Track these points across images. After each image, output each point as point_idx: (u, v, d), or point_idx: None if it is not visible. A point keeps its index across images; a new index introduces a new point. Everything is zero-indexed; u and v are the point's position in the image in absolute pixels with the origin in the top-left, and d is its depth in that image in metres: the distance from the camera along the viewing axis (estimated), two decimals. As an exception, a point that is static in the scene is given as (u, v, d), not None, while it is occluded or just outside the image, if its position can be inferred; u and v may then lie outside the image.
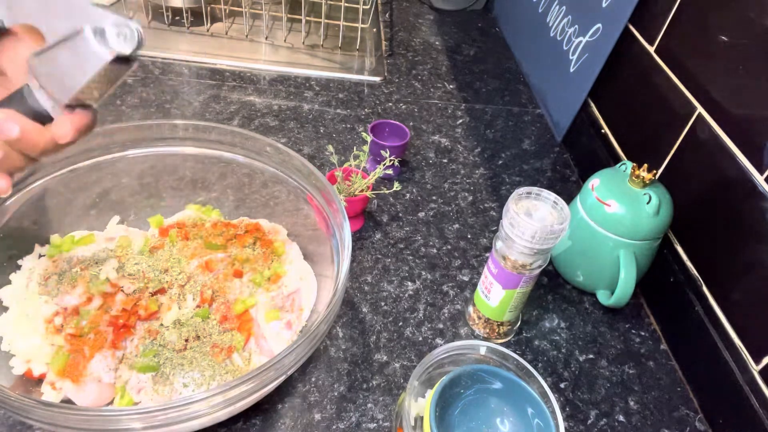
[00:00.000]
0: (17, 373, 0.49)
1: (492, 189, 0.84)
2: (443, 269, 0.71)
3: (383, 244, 0.73)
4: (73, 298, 0.52)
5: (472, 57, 1.15)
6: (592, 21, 0.88)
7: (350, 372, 0.58)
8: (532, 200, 0.56)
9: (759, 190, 0.57)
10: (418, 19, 1.26)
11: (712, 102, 0.64)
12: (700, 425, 0.59)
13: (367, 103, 0.97)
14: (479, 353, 0.52)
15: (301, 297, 0.58)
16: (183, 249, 0.59)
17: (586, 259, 0.68)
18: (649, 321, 0.69)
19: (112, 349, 0.50)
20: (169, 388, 0.50)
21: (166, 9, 1.05)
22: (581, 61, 0.90)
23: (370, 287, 0.67)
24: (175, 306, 0.54)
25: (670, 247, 0.68)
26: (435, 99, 1.01)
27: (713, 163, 0.63)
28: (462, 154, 0.90)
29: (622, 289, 0.64)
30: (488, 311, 0.62)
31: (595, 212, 0.65)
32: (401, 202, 0.79)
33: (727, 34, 0.63)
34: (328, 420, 0.54)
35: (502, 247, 0.57)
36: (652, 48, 0.76)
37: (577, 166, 0.91)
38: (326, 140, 0.87)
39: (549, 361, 0.63)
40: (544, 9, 1.07)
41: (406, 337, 0.63)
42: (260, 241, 0.62)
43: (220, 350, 0.52)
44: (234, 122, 0.88)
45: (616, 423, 0.58)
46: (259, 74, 0.99)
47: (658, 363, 0.65)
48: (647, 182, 0.63)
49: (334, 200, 0.56)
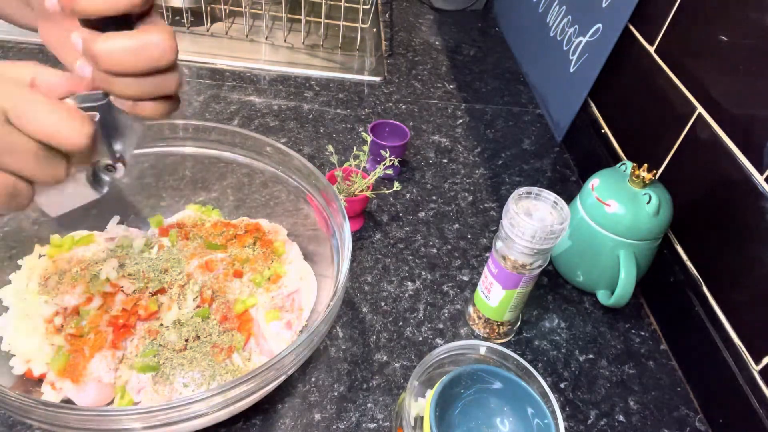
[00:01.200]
0: (17, 373, 0.49)
1: (492, 189, 0.84)
2: (443, 269, 0.71)
3: (383, 244, 0.73)
4: (73, 298, 0.52)
5: (472, 57, 1.15)
6: (592, 21, 0.88)
7: (350, 372, 0.58)
8: (532, 200, 0.56)
9: (759, 190, 0.57)
10: (418, 19, 1.26)
11: (712, 102, 0.64)
12: (700, 425, 0.59)
13: (367, 103, 0.97)
14: (479, 353, 0.52)
15: (301, 297, 0.58)
16: (183, 249, 0.59)
17: (586, 259, 0.68)
18: (649, 321, 0.69)
19: (112, 349, 0.50)
20: (169, 388, 0.50)
21: (166, 9, 1.05)
22: (581, 61, 0.90)
23: (370, 287, 0.67)
24: (175, 306, 0.54)
25: (670, 247, 0.68)
26: (435, 99, 1.01)
27: (713, 163, 0.63)
28: (462, 154, 0.90)
29: (622, 289, 0.64)
30: (488, 311, 0.62)
31: (595, 212, 0.65)
32: (401, 202, 0.79)
33: (727, 34, 0.63)
34: (328, 420, 0.54)
35: (502, 247, 0.57)
36: (652, 48, 0.76)
37: (577, 166, 0.91)
38: (326, 140, 0.87)
39: (549, 361, 0.63)
40: (544, 9, 1.07)
41: (406, 337, 0.63)
42: (260, 241, 0.62)
43: (220, 350, 0.52)
44: (234, 122, 0.88)
45: (616, 423, 0.58)
46: (259, 74, 0.99)
47: (658, 363, 0.65)
48: (647, 182, 0.63)
49: (334, 200, 0.56)
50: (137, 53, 0.32)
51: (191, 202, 0.66)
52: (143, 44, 0.32)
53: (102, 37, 0.31)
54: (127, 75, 0.33)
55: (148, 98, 0.35)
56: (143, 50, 0.32)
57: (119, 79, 0.33)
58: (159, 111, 0.36)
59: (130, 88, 0.33)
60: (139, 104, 0.35)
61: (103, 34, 0.31)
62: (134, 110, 0.35)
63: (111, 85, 0.33)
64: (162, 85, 0.34)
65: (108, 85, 0.33)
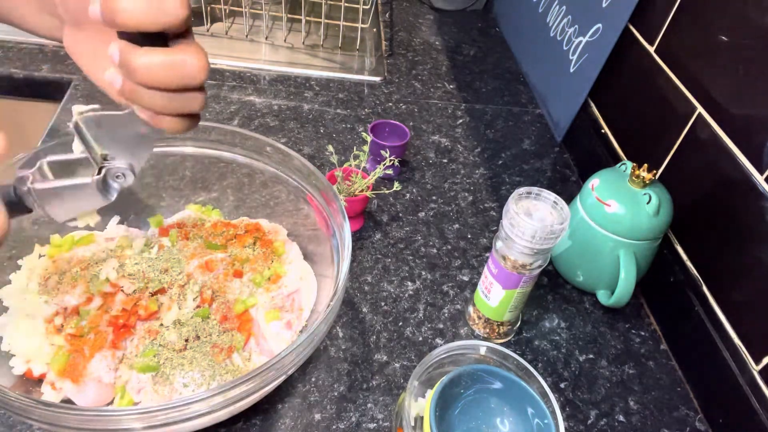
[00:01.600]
0: (17, 373, 0.49)
1: (492, 189, 0.84)
2: (443, 269, 0.71)
3: (383, 244, 0.73)
4: (73, 298, 0.52)
5: (472, 57, 1.15)
6: (592, 21, 0.88)
7: (350, 372, 0.58)
8: (532, 200, 0.56)
9: (759, 190, 0.57)
10: (418, 19, 1.26)
11: (712, 102, 0.64)
12: (700, 425, 0.59)
13: (367, 103, 0.97)
14: (479, 353, 0.52)
15: (301, 297, 0.58)
16: (183, 249, 0.59)
17: (586, 259, 0.68)
18: (649, 321, 0.69)
19: (112, 349, 0.50)
20: (169, 388, 0.50)
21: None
22: (581, 61, 0.90)
23: (370, 287, 0.67)
24: (175, 306, 0.54)
25: (670, 247, 0.68)
26: (435, 99, 1.01)
27: (713, 163, 0.63)
28: (462, 154, 0.90)
29: (622, 289, 0.64)
30: (488, 311, 0.62)
31: (595, 212, 0.65)
32: (401, 202, 0.79)
33: (727, 34, 0.63)
34: (328, 420, 0.54)
35: (502, 247, 0.57)
36: (652, 48, 0.76)
37: (577, 166, 0.91)
38: (326, 140, 0.87)
39: (549, 361, 0.63)
40: (544, 9, 1.07)
41: (406, 337, 0.63)
42: (260, 241, 0.62)
43: (220, 350, 0.52)
44: (234, 122, 0.88)
45: (616, 423, 0.58)
46: (259, 74, 0.99)
47: (658, 363, 0.65)
48: (647, 182, 0.63)
49: (334, 200, 0.56)
50: (173, 70, 0.33)
51: (191, 202, 0.66)
52: (180, 62, 0.33)
53: (141, 51, 0.32)
54: (157, 89, 0.34)
55: (172, 113, 0.36)
56: (179, 68, 0.33)
57: (148, 92, 0.34)
58: (179, 126, 0.37)
59: (157, 101, 0.34)
60: (160, 117, 0.36)
61: (142, 48, 0.32)
62: (155, 122, 0.36)
63: (139, 97, 0.34)
64: (188, 103, 0.35)
65: (136, 96, 0.34)
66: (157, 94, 0.34)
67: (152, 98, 0.34)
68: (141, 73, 0.33)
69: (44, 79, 0.89)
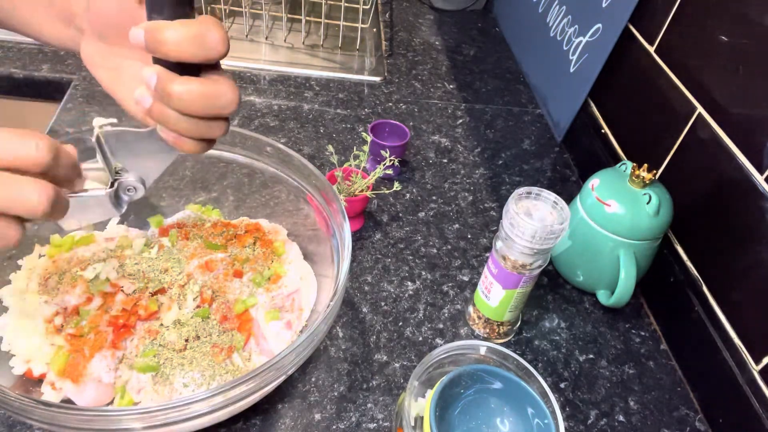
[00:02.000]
0: (17, 373, 0.49)
1: (492, 189, 0.84)
2: (443, 269, 0.71)
3: (383, 244, 0.73)
4: (73, 298, 0.52)
5: (472, 57, 1.15)
6: (592, 21, 0.88)
7: (350, 372, 0.58)
8: (532, 200, 0.56)
9: (759, 190, 0.57)
10: (418, 19, 1.26)
11: (712, 102, 0.64)
12: (700, 425, 0.59)
13: (367, 103, 0.97)
14: (479, 353, 0.52)
15: (301, 297, 0.58)
16: (183, 249, 0.59)
17: (586, 259, 0.68)
18: (649, 321, 0.69)
19: (112, 349, 0.50)
20: (169, 388, 0.50)
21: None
22: (581, 61, 0.90)
23: (370, 287, 0.67)
24: (175, 306, 0.54)
25: (670, 247, 0.68)
26: (435, 99, 1.01)
27: (713, 163, 0.63)
28: (462, 154, 0.90)
29: (622, 289, 0.64)
30: (488, 311, 0.62)
31: (595, 212, 0.65)
32: (401, 202, 0.79)
33: (727, 34, 0.63)
34: (328, 420, 0.54)
35: (502, 247, 0.57)
36: (652, 48, 0.76)
37: (577, 166, 0.91)
38: (326, 140, 0.87)
39: (549, 361, 0.63)
40: (544, 9, 1.07)
41: (406, 337, 0.63)
42: (260, 241, 0.62)
43: (220, 350, 0.52)
44: (234, 122, 0.88)
45: (616, 423, 0.58)
46: (259, 74, 0.99)
47: (658, 363, 0.65)
48: (647, 182, 0.63)
49: (334, 200, 0.56)
50: (209, 100, 0.34)
51: (191, 202, 0.66)
52: (215, 93, 0.34)
53: (180, 80, 0.33)
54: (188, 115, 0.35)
55: (194, 137, 0.37)
56: (214, 98, 0.34)
57: (176, 116, 0.35)
58: (197, 149, 0.38)
59: (183, 125, 0.35)
60: (183, 140, 0.37)
61: (180, 76, 0.34)
62: (178, 144, 0.37)
63: (166, 119, 0.35)
64: (212, 130, 0.37)
65: (164, 118, 0.35)
66: (183, 119, 0.35)
67: (178, 122, 0.35)
68: (176, 100, 0.34)
69: (44, 79, 0.89)
